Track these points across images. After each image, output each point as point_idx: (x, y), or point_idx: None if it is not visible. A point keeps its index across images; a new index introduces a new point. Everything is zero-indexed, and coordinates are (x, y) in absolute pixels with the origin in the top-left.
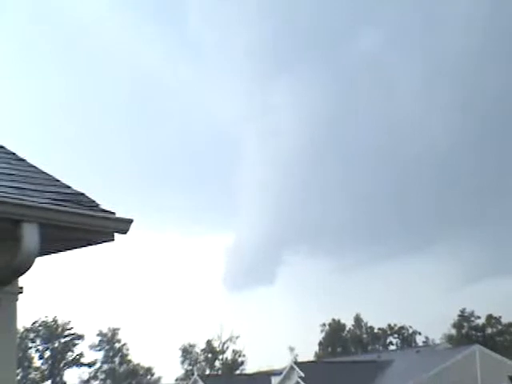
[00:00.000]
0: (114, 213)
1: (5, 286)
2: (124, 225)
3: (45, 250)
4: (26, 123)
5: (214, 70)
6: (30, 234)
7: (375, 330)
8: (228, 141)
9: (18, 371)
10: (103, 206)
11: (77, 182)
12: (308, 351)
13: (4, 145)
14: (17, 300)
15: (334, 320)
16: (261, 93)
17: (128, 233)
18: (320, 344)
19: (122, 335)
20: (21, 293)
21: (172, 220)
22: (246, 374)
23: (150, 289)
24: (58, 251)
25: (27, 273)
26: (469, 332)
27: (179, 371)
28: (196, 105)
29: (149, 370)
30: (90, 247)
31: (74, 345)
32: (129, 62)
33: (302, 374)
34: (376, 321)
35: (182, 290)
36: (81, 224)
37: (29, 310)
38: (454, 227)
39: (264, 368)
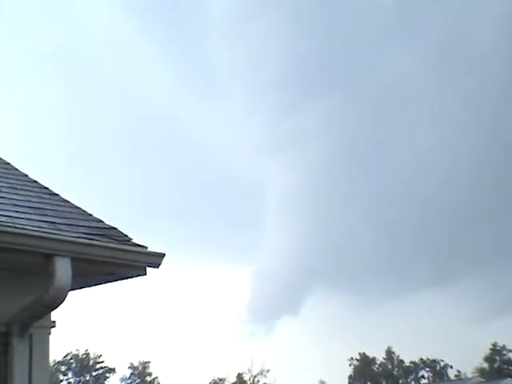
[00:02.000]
0: (146, 247)
1: (37, 320)
2: (156, 259)
3: (77, 284)
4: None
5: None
6: (63, 268)
7: (406, 364)
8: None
9: None
10: (135, 240)
11: (108, 217)
12: None
13: (37, 179)
14: (49, 334)
15: (360, 354)
16: (286, 122)
17: (160, 267)
18: (350, 378)
19: (152, 368)
20: (53, 327)
21: (197, 253)
22: None
23: (180, 322)
24: (90, 285)
25: (60, 307)
26: (501, 366)
27: None
28: (213, 138)
29: None
30: (122, 281)
31: (106, 378)
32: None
33: None
34: (407, 354)
35: (211, 322)
36: (113, 258)
37: (61, 343)
38: (479, 260)
39: None
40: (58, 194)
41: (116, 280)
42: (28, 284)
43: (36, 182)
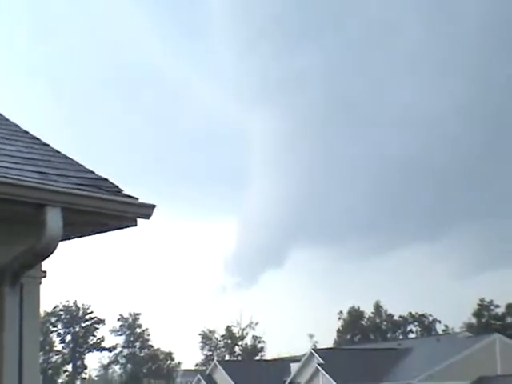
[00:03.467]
0: (137, 198)
1: (28, 269)
2: (147, 210)
3: (68, 235)
4: (50, 110)
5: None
6: (54, 219)
7: (395, 318)
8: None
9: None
10: (126, 192)
11: (99, 168)
12: (327, 338)
13: (28, 130)
14: (40, 284)
15: (352, 308)
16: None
17: (151, 218)
18: (338, 331)
19: (142, 320)
20: (44, 277)
21: (184, 208)
22: (265, 360)
23: (168, 274)
24: (80, 236)
25: (50, 257)
26: (489, 321)
27: (199, 357)
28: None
29: (169, 355)
30: (112, 232)
31: (95, 329)
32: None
33: (322, 361)
34: (396, 309)
35: (197, 274)
36: (104, 209)
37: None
38: (465, 214)
39: (283, 354)
40: (48, 145)
41: (107, 231)
42: (19, 234)
43: (27, 132)
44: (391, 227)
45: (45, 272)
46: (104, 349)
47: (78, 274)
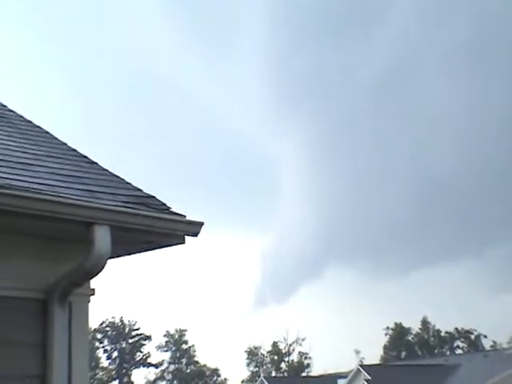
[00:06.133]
0: (184, 216)
1: (77, 287)
2: (195, 227)
3: (116, 253)
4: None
5: None
6: (102, 237)
7: (442, 334)
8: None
9: None
10: (174, 209)
11: (145, 186)
12: (372, 354)
13: (76, 148)
14: (89, 302)
15: (397, 323)
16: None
17: (198, 236)
18: (385, 347)
19: (188, 336)
20: (92, 295)
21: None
22: (312, 376)
23: (211, 290)
24: (128, 254)
25: (99, 275)
26: None
27: (245, 373)
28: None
29: (215, 372)
30: (160, 250)
31: (141, 345)
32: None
33: (369, 377)
34: (441, 324)
35: (238, 290)
36: (152, 227)
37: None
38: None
39: (329, 370)
40: (96, 163)
41: (155, 248)
42: (67, 252)
43: (75, 150)
44: (433, 241)
45: (93, 290)
46: (150, 365)
47: (123, 290)
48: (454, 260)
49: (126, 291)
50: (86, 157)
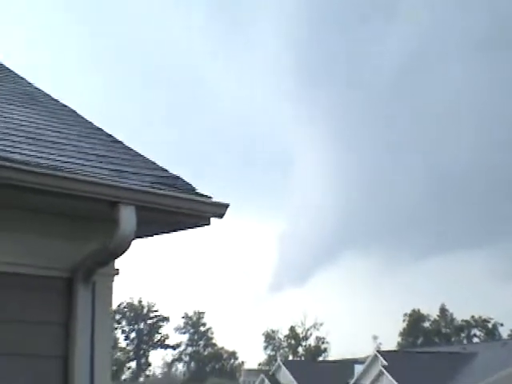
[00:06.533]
0: (210, 197)
1: (101, 267)
2: (220, 209)
3: (141, 233)
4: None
5: None
6: (127, 217)
7: (459, 322)
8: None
9: None
10: (200, 190)
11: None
12: (390, 340)
13: (101, 127)
14: (112, 281)
15: (414, 310)
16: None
17: (223, 217)
18: (401, 334)
19: (206, 319)
20: (117, 274)
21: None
22: (329, 361)
23: (229, 273)
24: (153, 234)
25: (123, 255)
26: None
27: (262, 356)
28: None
29: (232, 355)
30: (185, 231)
31: (159, 327)
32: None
33: (386, 363)
34: (458, 312)
35: (262, 274)
36: (178, 208)
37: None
38: None
39: (346, 355)
40: (121, 142)
41: (180, 229)
42: (92, 231)
43: (101, 129)
44: (451, 228)
45: (117, 270)
46: (168, 346)
47: (142, 271)
48: (472, 247)
49: (144, 272)
50: (111, 136)
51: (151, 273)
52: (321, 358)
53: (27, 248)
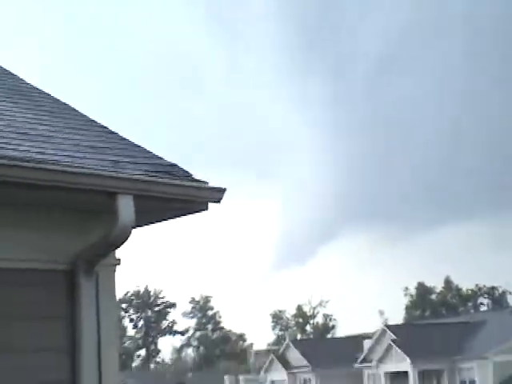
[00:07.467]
0: (207, 182)
1: (102, 258)
2: (218, 194)
3: (140, 222)
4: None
5: None
6: (126, 206)
7: (464, 292)
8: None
9: None
10: (196, 176)
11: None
12: (396, 315)
13: (95, 119)
14: (115, 271)
15: (419, 283)
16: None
17: (221, 202)
18: (408, 307)
19: (214, 303)
20: (118, 264)
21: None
22: (337, 338)
23: (230, 255)
24: (152, 222)
25: (124, 244)
26: None
27: (271, 337)
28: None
29: (241, 337)
30: (183, 217)
31: (167, 313)
32: None
33: (394, 337)
34: (464, 282)
35: (257, 252)
36: (175, 194)
37: (121, 281)
38: None
39: (354, 331)
40: (116, 133)
41: (179, 216)
42: (92, 223)
43: (94, 121)
44: (452, 198)
45: (119, 260)
46: (176, 332)
47: (147, 259)
48: (472, 217)
49: (149, 260)
50: (105, 127)
51: (156, 260)
52: (329, 336)
53: (27, 243)
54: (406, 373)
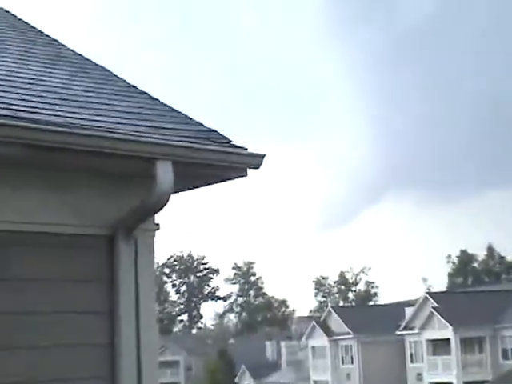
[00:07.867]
0: (246, 148)
1: (141, 223)
2: (257, 160)
3: (179, 188)
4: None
5: None
6: (165, 172)
7: (508, 260)
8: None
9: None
10: (235, 142)
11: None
12: (439, 282)
13: (136, 85)
14: (154, 236)
15: (462, 251)
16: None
17: (260, 167)
18: (450, 275)
19: (256, 269)
20: (157, 229)
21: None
22: (379, 305)
23: (273, 221)
24: (191, 188)
25: (163, 210)
26: None
27: (313, 303)
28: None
29: (283, 303)
30: (222, 183)
31: (210, 279)
32: None
33: (436, 305)
34: (508, 251)
35: (307, 218)
36: (214, 160)
37: (164, 246)
38: None
39: (397, 298)
40: (157, 99)
41: (217, 182)
42: (131, 189)
43: (135, 87)
44: (493, 167)
45: (158, 224)
46: (219, 298)
47: (190, 225)
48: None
49: (193, 226)
50: (146, 93)
51: (200, 226)
52: (371, 303)
53: (68, 208)
54: (447, 340)
